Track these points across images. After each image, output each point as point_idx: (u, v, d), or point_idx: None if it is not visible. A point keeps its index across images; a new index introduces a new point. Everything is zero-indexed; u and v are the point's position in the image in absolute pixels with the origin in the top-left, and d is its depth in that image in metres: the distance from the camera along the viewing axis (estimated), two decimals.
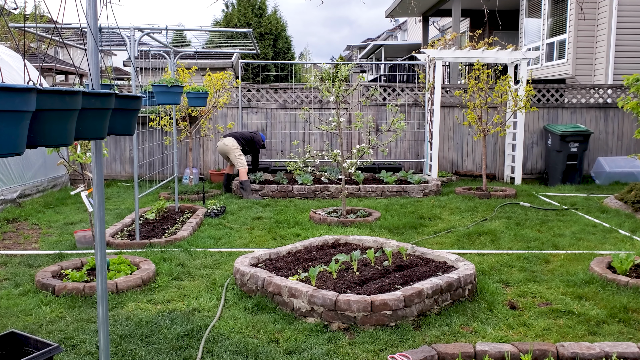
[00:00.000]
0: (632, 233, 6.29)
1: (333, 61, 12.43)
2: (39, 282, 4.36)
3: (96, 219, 2.53)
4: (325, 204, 8.20)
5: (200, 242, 5.86)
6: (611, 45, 11.61)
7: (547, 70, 13.57)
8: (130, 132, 2.51)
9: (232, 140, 8.89)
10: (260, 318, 3.80)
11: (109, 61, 28.07)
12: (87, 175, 5.23)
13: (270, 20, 26.25)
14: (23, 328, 3.62)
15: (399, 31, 40.02)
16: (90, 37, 2.43)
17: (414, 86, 11.14)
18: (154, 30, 6.68)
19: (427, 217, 7.22)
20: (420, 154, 11.05)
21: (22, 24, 8.26)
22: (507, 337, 3.51)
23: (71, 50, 13.57)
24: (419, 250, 4.95)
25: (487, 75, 8.86)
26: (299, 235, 6.22)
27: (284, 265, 4.63)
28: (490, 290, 4.31)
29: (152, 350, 3.31)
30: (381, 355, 3.25)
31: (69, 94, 1.84)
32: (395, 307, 3.61)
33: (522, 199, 8.45)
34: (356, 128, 7.87)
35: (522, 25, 14.96)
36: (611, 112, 10.94)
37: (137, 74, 8.08)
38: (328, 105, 10.75)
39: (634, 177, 9.98)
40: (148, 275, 4.55)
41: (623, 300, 4.07)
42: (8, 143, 1.56)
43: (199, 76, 9.77)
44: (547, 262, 5.18)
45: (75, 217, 7.32)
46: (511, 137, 10.40)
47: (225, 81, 9.51)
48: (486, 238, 6.12)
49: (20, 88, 1.56)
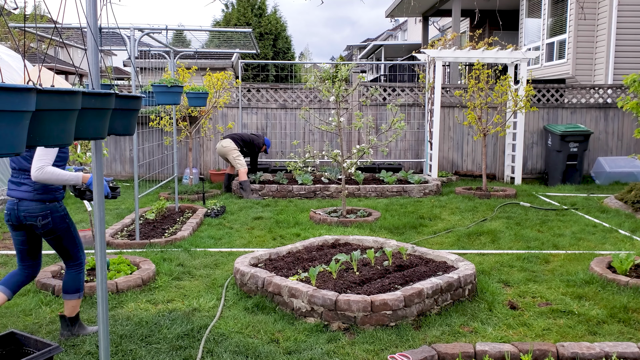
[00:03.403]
0: (632, 233, 6.29)
1: (333, 61, 12.43)
2: (39, 282, 4.37)
3: (96, 219, 2.53)
4: (325, 204, 8.20)
5: (200, 242, 5.86)
6: (611, 45, 11.60)
7: (547, 70, 13.57)
8: (130, 132, 2.51)
9: (230, 141, 8.90)
10: (260, 318, 3.80)
11: (109, 61, 28.06)
12: None
13: (270, 20, 26.24)
14: (23, 328, 3.63)
15: (399, 31, 40.01)
16: (90, 37, 2.43)
17: (414, 86, 11.14)
18: (154, 30, 6.68)
19: (427, 217, 7.22)
20: (420, 154, 11.05)
21: (22, 24, 8.27)
22: (507, 337, 3.51)
23: (71, 50, 13.57)
24: (419, 250, 4.95)
25: (487, 75, 8.86)
26: (299, 235, 6.22)
27: (284, 265, 4.63)
28: (490, 290, 4.31)
29: (152, 350, 3.32)
30: (381, 355, 3.25)
31: (69, 94, 1.84)
32: (395, 307, 3.61)
33: (522, 199, 8.45)
34: (356, 128, 7.86)
35: (522, 25, 14.96)
36: (611, 112, 10.94)
37: (137, 74, 8.07)
38: (328, 105, 10.75)
39: (634, 177, 9.98)
40: (148, 275, 4.55)
41: (623, 300, 4.07)
42: (8, 143, 1.55)
43: (199, 76, 9.77)
44: (547, 262, 5.18)
45: (75, 217, 7.32)
46: (511, 137, 10.40)
47: (225, 81, 9.51)
48: (486, 238, 6.12)
49: (20, 88, 1.55)
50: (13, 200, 3.35)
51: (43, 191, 3.34)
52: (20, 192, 3.33)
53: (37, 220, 3.33)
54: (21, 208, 3.31)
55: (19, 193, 3.33)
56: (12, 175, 3.38)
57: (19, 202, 3.33)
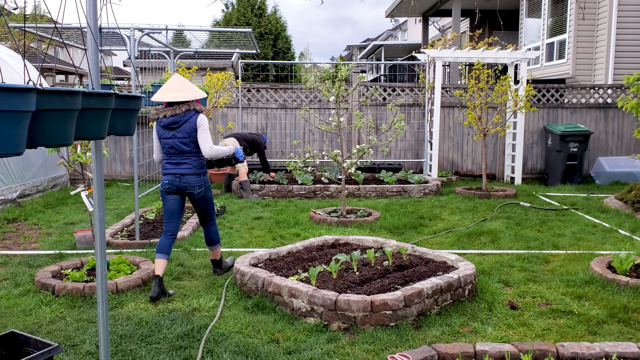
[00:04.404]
0: (632, 233, 6.29)
1: (333, 61, 12.43)
2: (39, 282, 4.37)
3: (96, 219, 2.53)
4: (325, 204, 8.20)
5: (200, 242, 5.86)
6: (611, 45, 11.60)
7: (547, 70, 13.57)
8: (130, 132, 2.51)
9: (235, 140, 8.88)
10: (260, 318, 3.80)
11: (109, 61, 28.06)
12: (87, 175, 5.23)
13: (270, 20, 26.24)
14: (23, 328, 3.63)
15: (399, 31, 40.01)
16: (90, 37, 2.43)
17: (414, 86, 11.14)
18: (154, 30, 6.68)
19: (427, 217, 7.22)
20: (420, 154, 11.05)
21: (22, 24, 8.26)
22: (507, 337, 3.51)
23: (71, 50, 13.57)
24: (419, 250, 4.95)
25: (487, 75, 8.86)
26: (299, 235, 6.22)
27: (284, 265, 4.63)
28: (490, 290, 4.31)
29: (152, 350, 3.32)
30: (381, 355, 3.25)
31: (69, 94, 1.84)
32: (395, 307, 3.61)
33: (522, 199, 8.45)
34: (356, 128, 7.87)
35: (522, 25, 14.96)
36: (611, 112, 10.95)
37: (137, 74, 8.07)
38: (328, 105, 10.75)
39: (634, 177, 9.98)
40: (148, 275, 4.55)
41: (623, 300, 4.07)
42: (8, 143, 1.56)
43: (199, 76, 9.77)
44: (547, 262, 5.18)
45: (75, 217, 7.32)
46: (511, 137, 10.40)
47: (225, 81, 9.51)
48: (486, 238, 6.12)
49: (20, 88, 1.56)
50: (174, 176, 4.38)
51: (199, 168, 4.44)
52: (181, 169, 4.38)
53: (195, 189, 4.42)
54: (182, 180, 4.38)
55: (180, 170, 4.38)
56: (171, 158, 4.40)
57: (180, 176, 4.37)
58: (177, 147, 4.34)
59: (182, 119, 4.32)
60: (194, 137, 4.34)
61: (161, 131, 4.38)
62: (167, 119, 4.34)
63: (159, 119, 4.39)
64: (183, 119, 4.32)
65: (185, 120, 4.32)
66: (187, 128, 4.32)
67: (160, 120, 4.38)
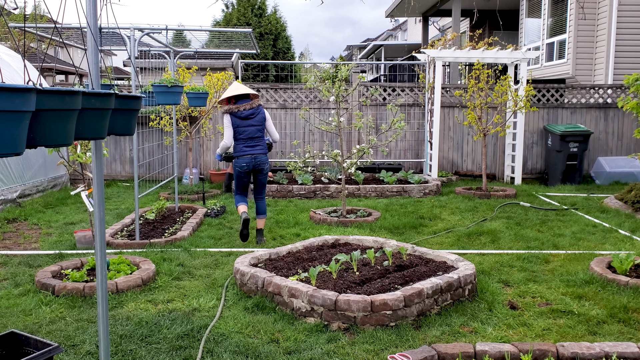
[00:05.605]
0: (632, 233, 6.29)
1: (333, 61, 12.43)
2: (39, 282, 4.37)
3: (96, 219, 2.53)
4: (325, 204, 8.20)
5: (200, 242, 5.86)
6: (611, 45, 11.60)
7: (547, 70, 13.57)
8: (130, 132, 2.51)
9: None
10: (260, 318, 3.80)
11: (109, 61, 28.06)
12: (87, 175, 5.23)
13: (270, 20, 26.24)
14: (23, 328, 3.63)
15: (399, 31, 40.00)
16: (90, 37, 2.43)
17: (414, 86, 11.14)
18: (154, 30, 6.68)
19: (427, 217, 7.22)
20: (420, 154, 11.05)
21: (22, 24, 8.26)
22: (507, 337, 3.51)
23: (71, 50, 13.58)
24: (419, 250, 4.95)
25: (487, 75, 8.86)
26: (299, 235, 6.22)
27: (284, 265, 4.63)
28: (490, 290, 4.31)
29: (152, 350, 3.32)
30: (381, 355, 3.25)
31: (69, 94, 1.84)
32: (395, 307, 3.61)
33: (522, 199, 8.45)
34: (356, 128, 7.87)
35: (522, 25, 14.96)
36: (611, 112, 10.94)
37: (137, 74, 8.07)
38: (328, 105, 10.75)
39: (634, 177, 9.98)
40: (148, 275, 4.55)
41: (623, 300, 4.07)
42: (8, 143, 1.56)
43: (199, 76, 9.77)
44: (547, 262, 5.18)
45: (75, 217, 7.32)
46: (511, 137, 10.40)
47: (225, 81, 9.51)
48: (486, 238, 6.12)
49: (20, 88, 1.55)
50: (250, 156, 5.66)
51: (266, 149, 5.80)
52: (256, 150, 5.69)
53: (264, 166, 5.75)
54: (257, 160, 5.69)
55: (255, 151, 5.69)
56: (246, 142, 5.66)
57: (255, 156, 5.67)
58: (253, 133, 5.68)
59: (257, 112, 5.71)
60: (263, 125, 5.78)
61: (239, 121, 5.64)
62: (247, 110, 5.65)
63: (239, 111, 5.63)
64: (257, 111, 5.72)
65: (258, 112, 5.73)
66: (260, 118, 5.73)
67: (240, 112, 5.63)
